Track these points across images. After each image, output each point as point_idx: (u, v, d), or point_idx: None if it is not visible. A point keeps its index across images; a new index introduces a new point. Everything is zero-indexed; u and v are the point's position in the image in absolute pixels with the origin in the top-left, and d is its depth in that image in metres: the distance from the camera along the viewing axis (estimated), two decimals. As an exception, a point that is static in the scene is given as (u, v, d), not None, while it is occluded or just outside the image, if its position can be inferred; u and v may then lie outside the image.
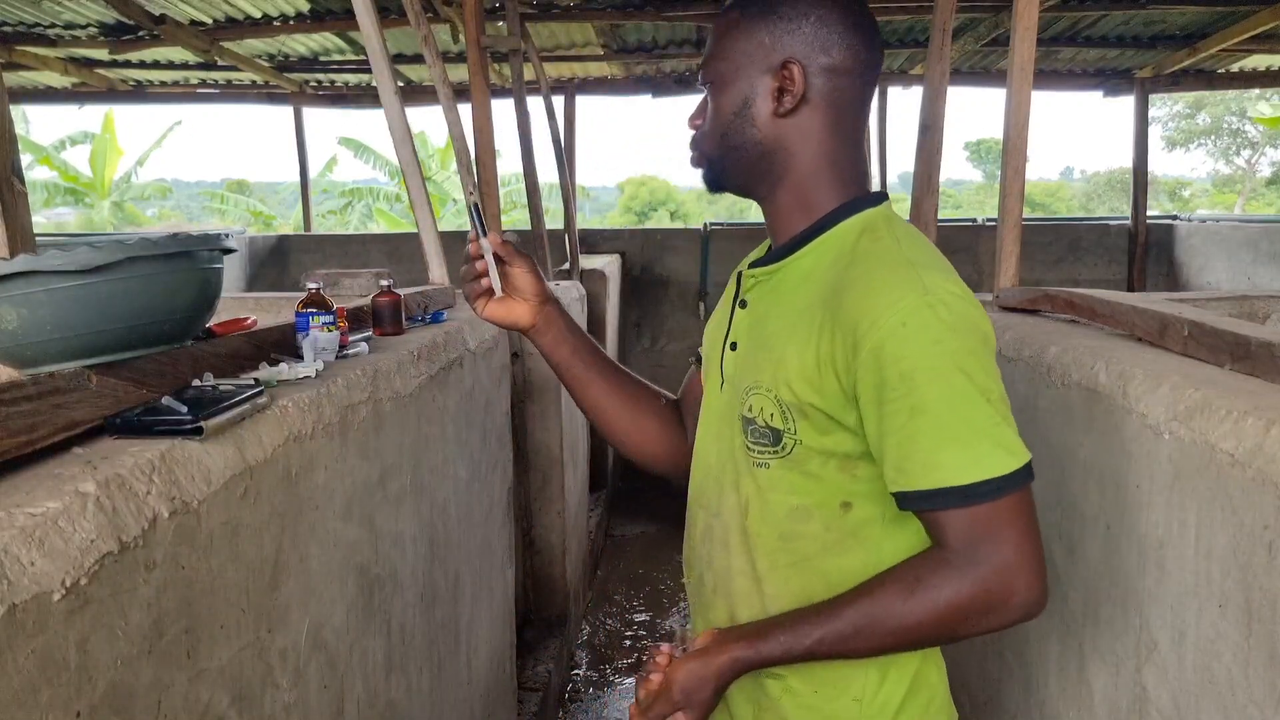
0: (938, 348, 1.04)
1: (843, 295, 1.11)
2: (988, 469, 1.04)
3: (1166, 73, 6.75)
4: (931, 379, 1.04)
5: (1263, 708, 1.10)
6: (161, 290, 1.22)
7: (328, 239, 8.30)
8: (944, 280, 1.10)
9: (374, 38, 2.50)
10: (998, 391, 1.08)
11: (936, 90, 2.75)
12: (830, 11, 1.17)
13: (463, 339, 2.36)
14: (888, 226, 1.18)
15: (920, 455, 1.06)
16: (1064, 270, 7.23)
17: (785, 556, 1.21)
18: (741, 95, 1.21)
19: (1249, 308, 2.37)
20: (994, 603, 1.06)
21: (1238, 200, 26.05)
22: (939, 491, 1.05)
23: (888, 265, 1.11)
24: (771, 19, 1.17)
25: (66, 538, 0.86)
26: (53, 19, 5.37)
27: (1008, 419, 1.08)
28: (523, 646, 3.38)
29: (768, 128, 1.20)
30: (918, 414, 1.05)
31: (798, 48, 1.17)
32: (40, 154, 18.36)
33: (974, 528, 1.05)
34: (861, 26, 1.19)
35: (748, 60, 1.19)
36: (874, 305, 1.07)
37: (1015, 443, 1.07)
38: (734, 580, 1.27)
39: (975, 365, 1.06)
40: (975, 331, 1.08)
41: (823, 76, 1.18)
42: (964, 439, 1.04)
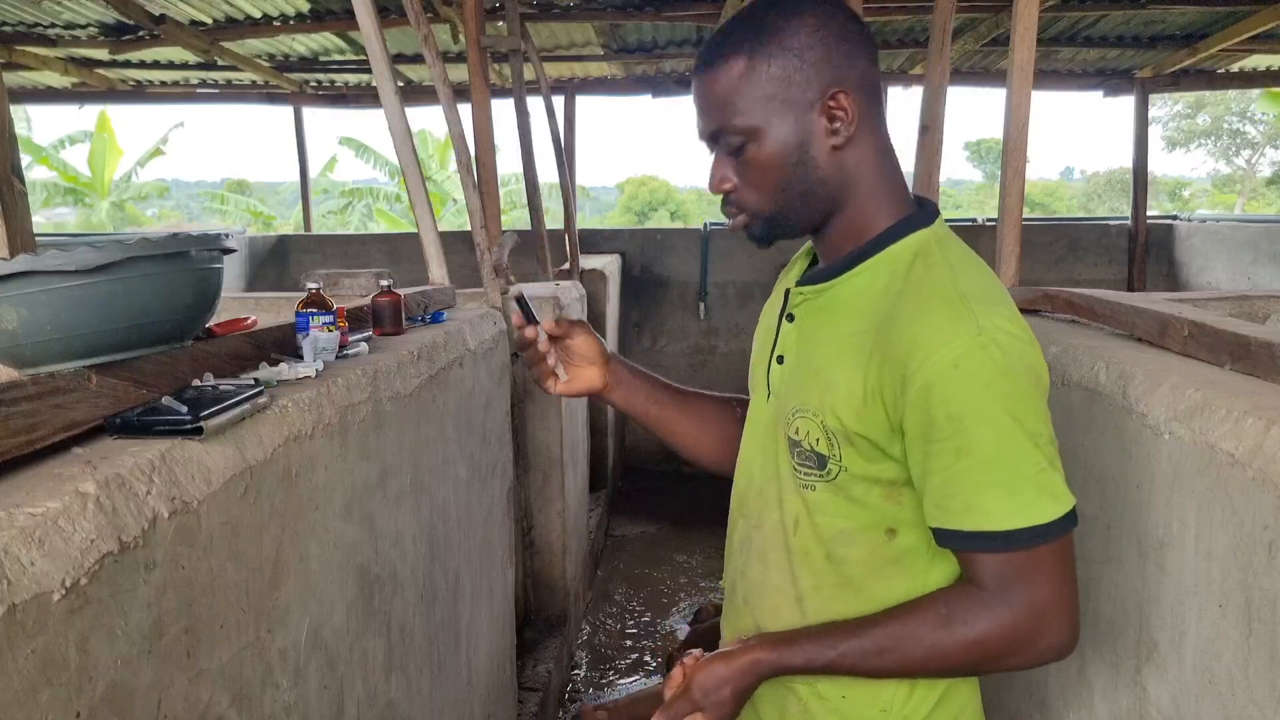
0: (988, 391, 1.03)
1: (894, 327, 1.08)
2: (1031, 516, 1.03)
3: (1166, 73, 6.75)
4: (980, 422, 1.03)
5: (1263, 708, 1.10)
6: (161, 290, 1.22)
7: (328, 239, 8.30)
8: (998, 317, 1.06)
9: (374, 38, 2.50)
10: (1046, 435, 1.07)
11: (936, 90, 2.75)
12: (839, 24, 1.12)
13: (463, 339, 2.36)
14: (941, 250, 1.14)
15: (963, 496, 1.05)
16: (1064, 270, 7.22)
17: (832, 577, 1.21)
18: (793, 141, 1.12)
19: (1249, 308, 2.37)
20: (1023, 644, 1.07)
21: (1238, 200, 26.05)
22: (979, 534, 1.05)
23: (941, 299, 1.07)
24: (790, 53, 1.10)
25: (66, 538, 0.86)
26: (53, 19, 5.37)
27: (1055, 463, 1.07)
28: (523, 646, 3.38)
29: (829, 165, 1.14)
30: (963, 455, 1.04)
31: (832, 73, 1.11)
32: (40, 154, 18.36)
33: (1011, 572, 1.05)
34: (862, 28, 1.15)
35: (783, 103, 1.11)
36: (926, 342, 1.04)
37: (1061, 489, 1.06)
38: (768, 596, 1.27)
39: (1025, 409, 1.04)
40: (1028, 373, 1.06)
41: (862, 93, 1.13)
42: (1009, 484, 1.04)
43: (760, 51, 1.10)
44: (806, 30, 1.10)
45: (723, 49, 1.12)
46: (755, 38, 1.10)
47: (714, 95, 1.13)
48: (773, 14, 1.11)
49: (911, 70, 6.98)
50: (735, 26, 1.12)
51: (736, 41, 1.11)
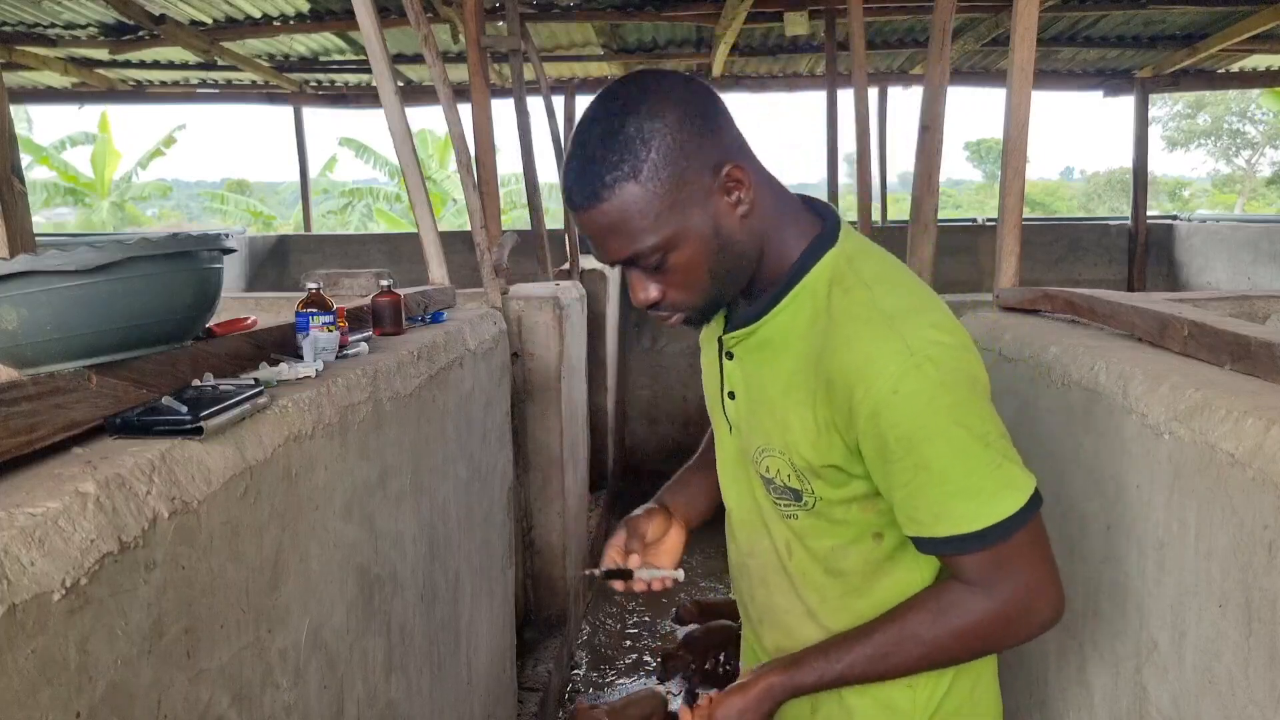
0: (931, 407, 1.06)
1: (830, 360, 1.11)
2: (997, 512, 1.08)
3: (1166, 73, 6.76)
4: (929, 438, 1.07)
5: (1263, 708, 1.10)
6: (161, 290, 1.22)
7: (328, 239, 8.31)
8: (925, 328, 1.09)
9: (374, 38, 2.50)
10: (995, 431, 1.11)
11: (936, 90, 2.75)
12: (697, 101, 1.09)
13: (463, 339, 2.36)
14: (854, 271, 1.15)
15: (930, 507, 1.10)
16: (1064, 270, 7.23)
17: (835, 589, 1.27)
18: (708, 231, 1.10)
19: (1249, 308, 2.37)
20: (1015, 624, 1.14)
21: (1238, 200, 26.05)
22: (953, 539, 1.10)
23: (867, 326, 1.09)
24: (673, 154, 1.06)
25: (66, 538, 0.86)
26: (53, 19, 5.37)
27: (1008, 454, 1.11)
28: (523, 646, 3.38)
29: (744, 234, 1.13)
30: (921, 470, 1.08)
31: (715, 151, 1.09)
32: (40, 154, 18.37)
33: (990, 565, 1.11)
34: (707, 89, 1.12)
35: (686, 204, 1.08)
36: (863, 373, 1.07)
37: (1020, 476, 1.10)
38: (780, 616, 1.35)
39: (969, 414, 1.08)
40: (965, 378, 1.09)
41: (740, 153, 1.13)
42: (969, 489, 1.08)
43: (644, 168, 1.05)
44: (675, 124, 1.06)
45: (604, 179, 1.05)
46: (633, 156, 1.05)
47: (615, 227, 1.08)
48: (633, 124, 1.05)
49: (911, 70, 6.99)
50: (603, 152, 1.05)
51: (615, 167, 1.05)
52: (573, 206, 1.09)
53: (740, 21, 4.85)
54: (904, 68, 6.99)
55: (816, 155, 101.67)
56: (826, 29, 5.41)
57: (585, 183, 1.07)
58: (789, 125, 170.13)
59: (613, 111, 1.07)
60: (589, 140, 1.07)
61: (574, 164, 1.08)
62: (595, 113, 1.09)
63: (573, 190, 1.08)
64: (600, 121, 1.07)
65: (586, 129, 1.08)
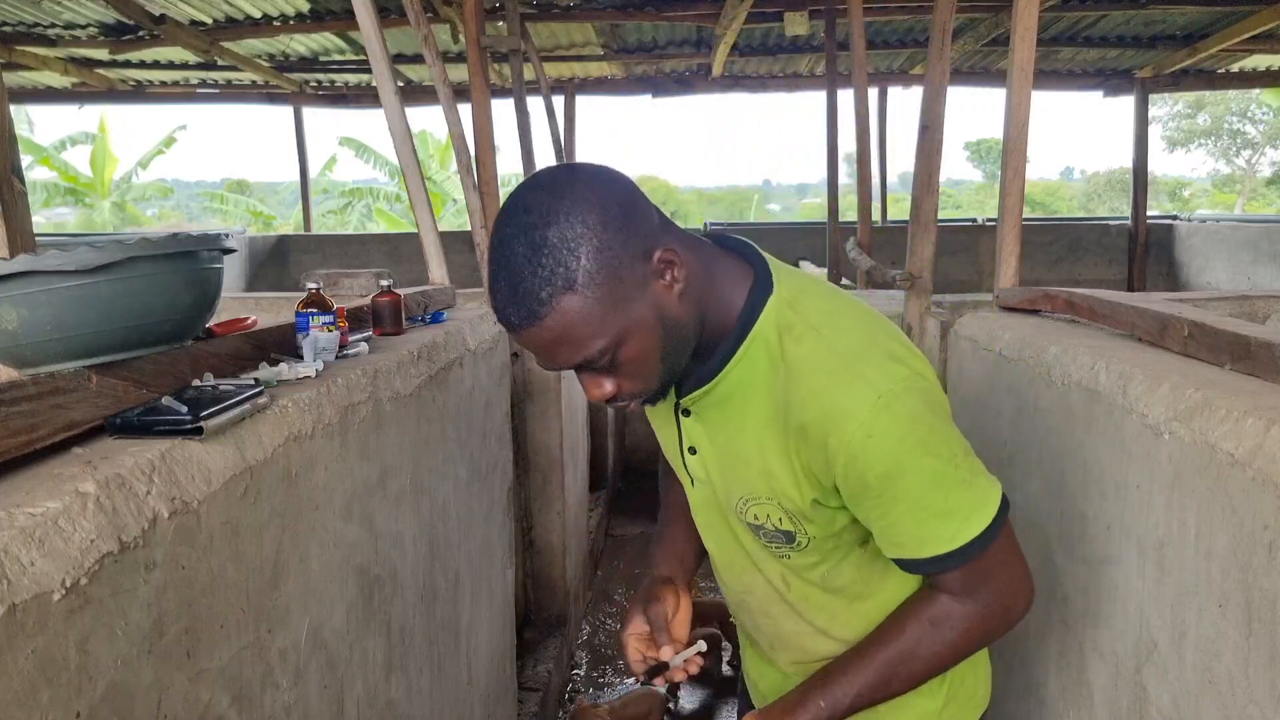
0: (904, 444, 1.09)
1: (800, 413, 1.12)
2: (972, 529, 1.13)
3: (1167, 72, 6.76)
4: (905, 473, 1.10)
5: (1263, 708, 1.10)
6: (161, 290, 1.22)
7: (328, 239, 8.30)
8: (883, 361, 1.11)
9: (374, 38, 2.51)
10: (960, 448, 1.14)
11: (936, 90, 2.75)
12: (613, 192, 1.06)
13: (462, 339, 2.36)
14: (798, 315, 1.15)
15: (909, 532, 1.14)
16: (1064, 270, 7.23)
17: (839, 602, 1.31)
18: (651, 318, 1.09)
19: (1249, 308, 2.37)
20: (998, 622, 1.21)
21: (1238, 200, 26.05)
22: (934, 559, 1.15)
23: (829, 375, 1.11)
24: (603, 255, 1.02)
25: (66, 538, 0.86)
26: (53, 19, 5.37)
27: (974, 467, 1.15)
28: (523, 646, 3.38)
29: (685, 310, 1.12)
30: (899, 501, 1.12)
31: (643, 240, 1.07)
32: (40, 154, 18.37)
33: (971, 576, 1.16)
34: (616, 175, 1.10)
35: (625, 299, 1.05)
36: (834, 423, 1.09)
37: (988, 487, 1.15)
38: (792, 639, 1.39)
39: (938, 440, 1.12)
40: (929, 406, 1.12)
41: (666, 231, 1.11)
42: (947, 511, 1.12)
43: (578, 276, 1.01)
44: (598, 223, 1.02)
45: (539, 296, 1.01)
46: (564, 267, 1.01)
47: (560, 340, 1.05)
48: (555, 233, 1.01)
49: (911, 70, 6.99)
50: (532, 268, 1.01)
51: (547, 281, 1.01)
52: (510, 328, 1.05)
53: (740, 21, 4.85)
54: (904, 68, 6.99)
55: (816, 155, 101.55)
56: (826, 29, 5.41)
57: (520, 303, 1.02)
58: (789, 125, 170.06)
59: (531, 224, 1.02)
60: (513, 258, 1.02)
61: (502, 285, 1.03)
62: (511, 228, 1.03)
63: (507, 312, 1.04)
64: (520, 237, 1.02)
65: (507, 247, 1.03)
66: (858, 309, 1.19)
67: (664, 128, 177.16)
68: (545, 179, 1.07)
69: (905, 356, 1.14)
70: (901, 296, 3.00)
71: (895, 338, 1.18)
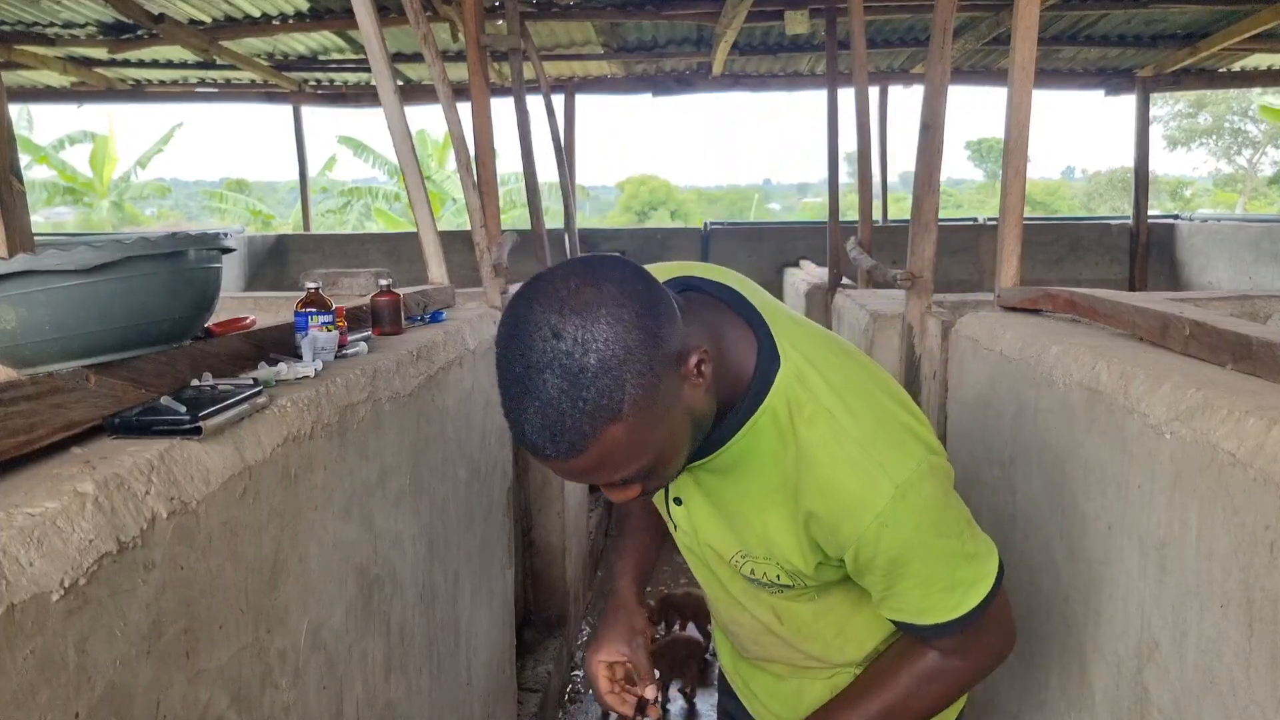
0: (918, 530, 1.10)
1: (814, 501, 1.11)
2: (971, 599, 1.15)
3: (1168, 72, 6.75)
4: (914, 554, 1.12)
5: (1264, 708, 1.09)
6: (160, 290, 1.21)
7: (327, 238, 8.30)
8: (898, 444, 1.10)
9: (373, 37, 2.50)
10: (964, 520, 1.16)
11: (937, 89, 2.75)
12: (647, 300, 0.97)
13: (462, 338, 2.36)
14: (808, 392, 1.11)
15: (912, 604, 1.16)
16: (1065, 269, 7.23)
17: (830, 627, 1.33)
18: (685, 423, 1.05)
19: (1250, 307, 2.37)
20: (985, 673, 1.26)
21: (1239, 199, 26.05)
22: (930, 626, 1.17)
23: (845, 464, 1.08)
24: (644, 378, 0.95)
25: (65, 538, 0.85)
26: (51, 18, 5.37)
27: (976, 536, 1.17)
28: (522, 647, 3.38)
29: (710, 399, 1.08)
30: (906, 578, 1.14)
31: (674, 345, 0.99)
32: (39, 153, 18.36)
33: (968, 638, 1.19)
34: (642, 273, 1.02)
35: (663, 412, 0.99)
36: (851, 513, 1.09)
37: (987, 557, 1.17)
38: (785, 660, 1.41)
39: (946, 520, 1.13)
40: (940, 486, 1.13)
41: (689, 318, 1.05)
42: (951, 584, 1.15)
43: (624, 405, 0.94)
44: (638, 346, 0.94)
45: (583, 430, 0.94)
46: (608, 399, 0.93)
47: (599, 466, 0.99)
48: (595, 360, 0.92)
49: (912, 69, 6.98)
50: (572, 402, 0.92)
51: (591, 415, 0.93)
52: (542, 457, 0.96)
53: (741, 20, 4.84)
54: (905, 66, 6.99)
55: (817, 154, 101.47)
56: (827, 28, 5.40)
57: (560, 438, 0.94)
58: (789, 124, 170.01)
59: (565, 352, 0.92)
60: (545, 389, 0.92)
61: (533, 415, 0.94)
62: (538, 354, 0.92)
63: (542, 445, 0.95)
64: (554, 366, 0.92)
65: (537, 376, 0.92)
66: (863, 375, 1.16)
67: (664, 127, 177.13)
68: (566, 293, 0.94)
69: (914, 426, 1.14)
70: (902, 296, 3.00)
71: (902, 403, 1.17)
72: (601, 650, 1.36)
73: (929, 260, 2.80)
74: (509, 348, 0.95)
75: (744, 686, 1.54)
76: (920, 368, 2.80)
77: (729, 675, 1.59)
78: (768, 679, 1.46)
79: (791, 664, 1.40)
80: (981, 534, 1.19)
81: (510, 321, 0.96)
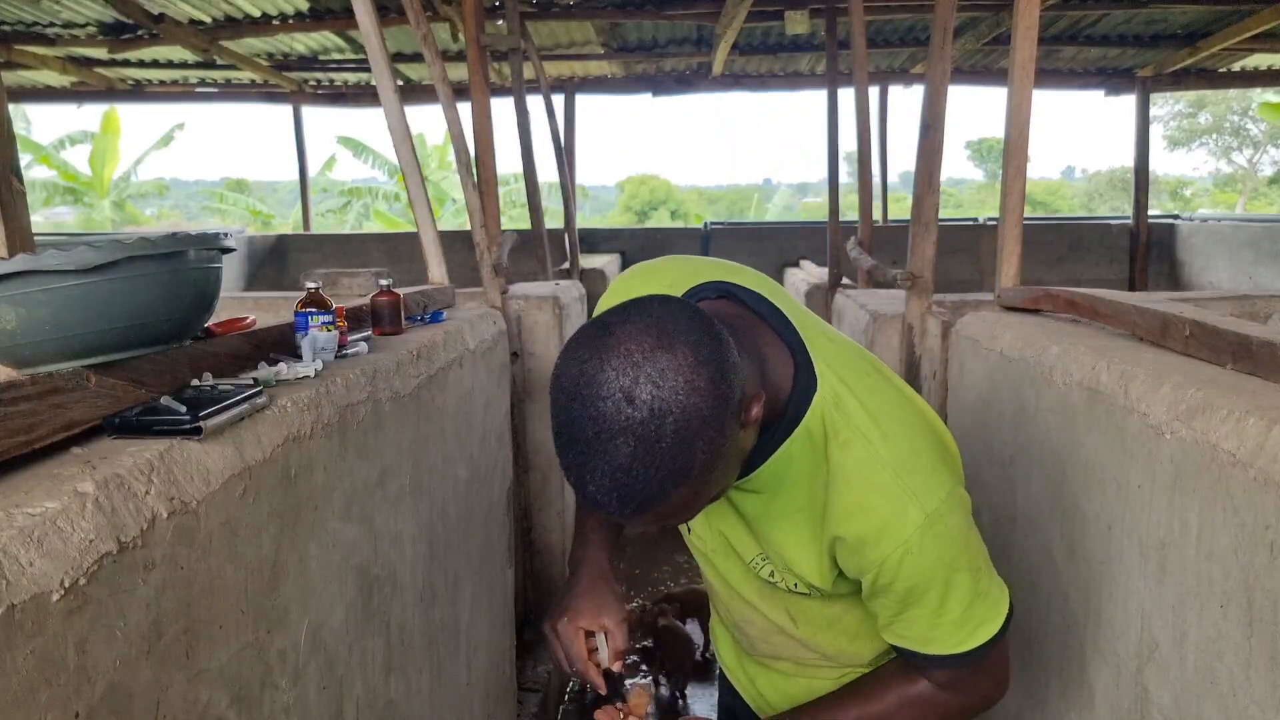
0: (940, 561, 1.10)
1: (842, 525, 1.11)
2: (978, 637, 1.15)
3: (1168, 72, 6.75)
4: (932, 585, 1.12)
5: (1264, 708, 1.09)
6: (160, 290, 1.21)
7: (327, 238, 8.30)
8: (930, 472, 1.10)
9: (373, 36, 2.50)
10: (981, 554, 1.16)
11: (938, 89, 2.75)
12: (706, 349, 0.94)
13: (462, 338, 2.36)
14: (844, 416, 1.10)
15: (919, 631, 1.16)
16: (1065, 269, 7.22)
17: (847, 630, 1.33)
18: (736, 463, 1.05)
19: (1250, 307, 2.37)
20: (972, 713, 1.25)
21: (1239, 199, 26.05)
22: (931, 657, 1.17)
23: (877, 490, 1.09)
24: (715, 442, 0.94)
25: (65, 538, 0.85)
26: (51, 18, 5.37)
27: (991, 574, 1.17)
28: (522, 647, 3.38)
29: (755, 434, 1.07)
30: (919, 606, 1.14)
31: (735, 394, 0.96)
32: (39, 153, 18.35)
33: (964, 675, 1.19)
34: (703, 319, 0.98)
35: (725, 464, 0.99)
36: (878, 539, 1.09)
37: (1000, 597, 1.18)
38: (792, 659, 1.41)
39: (965, 553, 1.13)
40: (967, 521, 1.14)
41: (744, 356, 1.02)
42: (962, 619, 1.14)
43: (694, 470, 0.93)
44: (710, 413, 0.92)
45: (651, 494, 0.93)
46: (680, 465, 0.92)
47: (660, 517, 0.99)
48: (670, 429, 0.90)
49: (912, 69, 6.98)
50: (643, 466, 0.91)
51: (662, 481, 0.92)
52: (601, 509, 0.96)
53: (741, 20, 4.84)
54: (905, 66, 6.98)
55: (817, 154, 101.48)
56: (827, 28, 5.40)
57: (628, 501, 0.93)
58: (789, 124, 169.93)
59: (639, 420, 0.90)
60: (617, 454, 0.91)
61: (601, 478, 0.92)
62: (615, 418, 0.90)
63: (608, 504, 0.94)
64: (630, 434, 0.90)
65: (610, 440, 0.90)
66: (897, 397, 1.16)
67: (664, 127, 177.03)
68: (640, 356, 0.91)
69: (944, 452, 1.15)
70: (903, 296, 3.00)
71: (932, 425, 1.17)
72: (583, 616, 1.30)
73: (929, 260, 2.80)
74: (577, 406, 0.92)
75: (749, 684, 1.54)
76: (920, 368, 2.80)
77: (732, 673, 1.59)
78: (775, 677, 1.47)
79: (800, 662, 1.40)
80: (996, 576, 1.18)
81: (576, 377, 0.92)
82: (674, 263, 1.30)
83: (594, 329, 0.95)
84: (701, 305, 1.11)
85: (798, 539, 1.16)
